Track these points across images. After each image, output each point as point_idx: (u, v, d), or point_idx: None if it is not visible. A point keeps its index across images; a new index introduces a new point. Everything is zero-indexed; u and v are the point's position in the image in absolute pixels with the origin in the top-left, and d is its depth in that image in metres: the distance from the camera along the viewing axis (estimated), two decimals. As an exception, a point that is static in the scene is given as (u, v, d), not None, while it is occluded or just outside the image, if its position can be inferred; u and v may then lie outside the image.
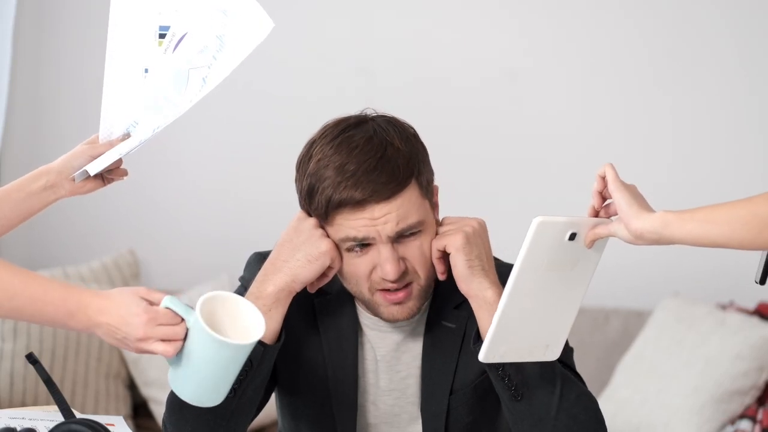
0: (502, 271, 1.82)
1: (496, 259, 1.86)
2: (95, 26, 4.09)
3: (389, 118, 1.78)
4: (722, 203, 1.49)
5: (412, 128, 1.79)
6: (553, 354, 1.66)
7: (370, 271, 1.74)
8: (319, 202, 1.72)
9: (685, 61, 3.75)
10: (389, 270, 1.72)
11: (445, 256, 1.76)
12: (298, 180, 1.76)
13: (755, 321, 3.38)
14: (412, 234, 1.73)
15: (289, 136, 3.99)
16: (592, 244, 1.57)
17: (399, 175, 1.70)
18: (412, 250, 1.73)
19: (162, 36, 1.84)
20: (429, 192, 1.76)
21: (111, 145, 1.84)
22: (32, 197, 1.82)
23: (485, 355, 1.60)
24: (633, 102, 3.79)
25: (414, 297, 1.76)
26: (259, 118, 4.01)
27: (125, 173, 1.88)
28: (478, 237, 1.75)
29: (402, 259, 1.73)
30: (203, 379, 1.57)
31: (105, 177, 1.88)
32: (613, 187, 1.54)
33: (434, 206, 1.79)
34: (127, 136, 1.85)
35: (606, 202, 1.59)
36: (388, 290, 1.75)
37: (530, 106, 3.86)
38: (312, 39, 3.96)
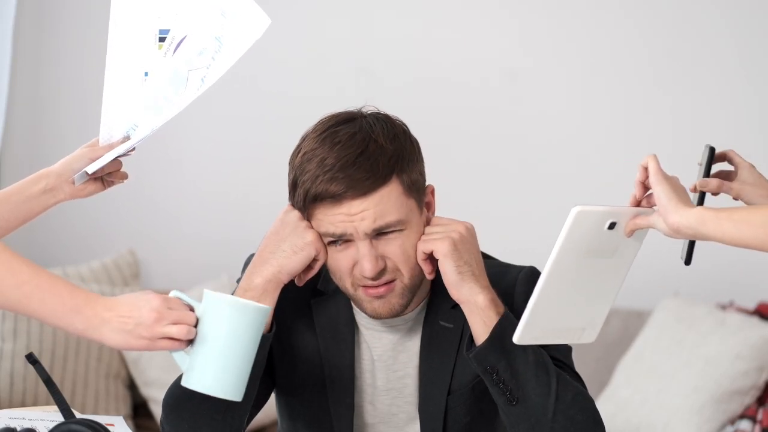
0: (500, 270, 1.82)
1: (491, 258, 1.86)
2: (95, 26, 4.10)
3: (381, 115, 1.77)
4: (761, 205, 1.48)
5: (404, 126, 1.78)
6: (589, 337, 1.66)
7: (352, 266, 1.74)
8: (299, 195, 1.73)
9: (685, 61, 3.75)
10: (366, 267, 1.71)
11: (431, 257, 1.75)
12: (288, 173, 1.77)
13: (755, 321, 3.38)
14: (393, 232, 1.73)
15: (289, 136, 3.98)
16: (631, 233, 1.57)
17: (378, 171, 1.69)
18: (393, 248, 1.73)
19: (162, 39, 1.84)
20: (415, 191, 1.75)
21: (111, 147, 1.85)
22: (31, 200, 1.82)
23: (520, 337, 1.59)
24: (633, 102, 3.79)
25: (396, 294, 1.76)
26: (259, 118, 4.01)
27: (125, 176, 1.89)
28: (466, 242, 1.74)
29: (382, 256, 1.73)
30: (223, 359, 1.57)
31: (105, 180, 1.88)
32: (654, 179, 1.53)
33: (426, 206, 1.79)
34: (126, 139, 1.85)
35: (647, 192, 1.58)
36: (369, 286, 1.75)
37: (530, 106, 3.85)
38: (312, 39, 3.96)
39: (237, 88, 3.91)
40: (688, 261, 1.65)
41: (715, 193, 1.77)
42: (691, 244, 1.64)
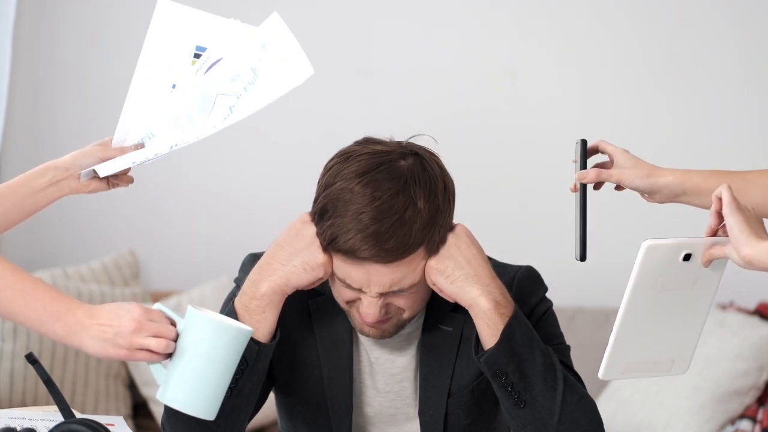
0: (497, 271, 1.79)
1: (492, 260, 1.84)
2: (95, 26, 4.10)
3: (427, 163, 1.72)
4: None
5: (444, 177, 1.73)
6: (680, 369, 1.63)
7: (354, 299, 1.74)
8: (325, 232, 1.70)
9: (685, 61, 3.75)
10: (368, 318, 1.72)
11: None
12: (320, 187, 1.73)
13: (755, 321, 3.38)
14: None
15: (289, 136, 3.99)
16: (708, 263, 1.54)
17: (408, 243, 1.66)
18: (400, 300, 1.73)
19: (197, 56, 1.83)
20: (436, 247, 1.71)
21: (123, 151, 1.84)
22: (37, 193, 1.81)
23: (605, 373, 1.57)
24: (634, 102, 3.79)
25: (393, 325, 1.76)
26: (259, 118, 3.99)
27: (131, 180, 1.87)
28: (453, 247, 1.72)
29: (387, 303, 1.73)
30: (198, 378, 1.56)
31: (110, 181, 1.87)
32: (727, 210, 1.50)
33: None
34: (140, 145, 1.84)
35: (722, 224, 1.54)
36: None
37: (530, 106, 3.85)
38: (312, 39, 3.94)
39: (237, 88, 3.90)
40: (583, 257, 1.64)
41: (597, 186, 1.77)
42: (583, 239, 1.64)
